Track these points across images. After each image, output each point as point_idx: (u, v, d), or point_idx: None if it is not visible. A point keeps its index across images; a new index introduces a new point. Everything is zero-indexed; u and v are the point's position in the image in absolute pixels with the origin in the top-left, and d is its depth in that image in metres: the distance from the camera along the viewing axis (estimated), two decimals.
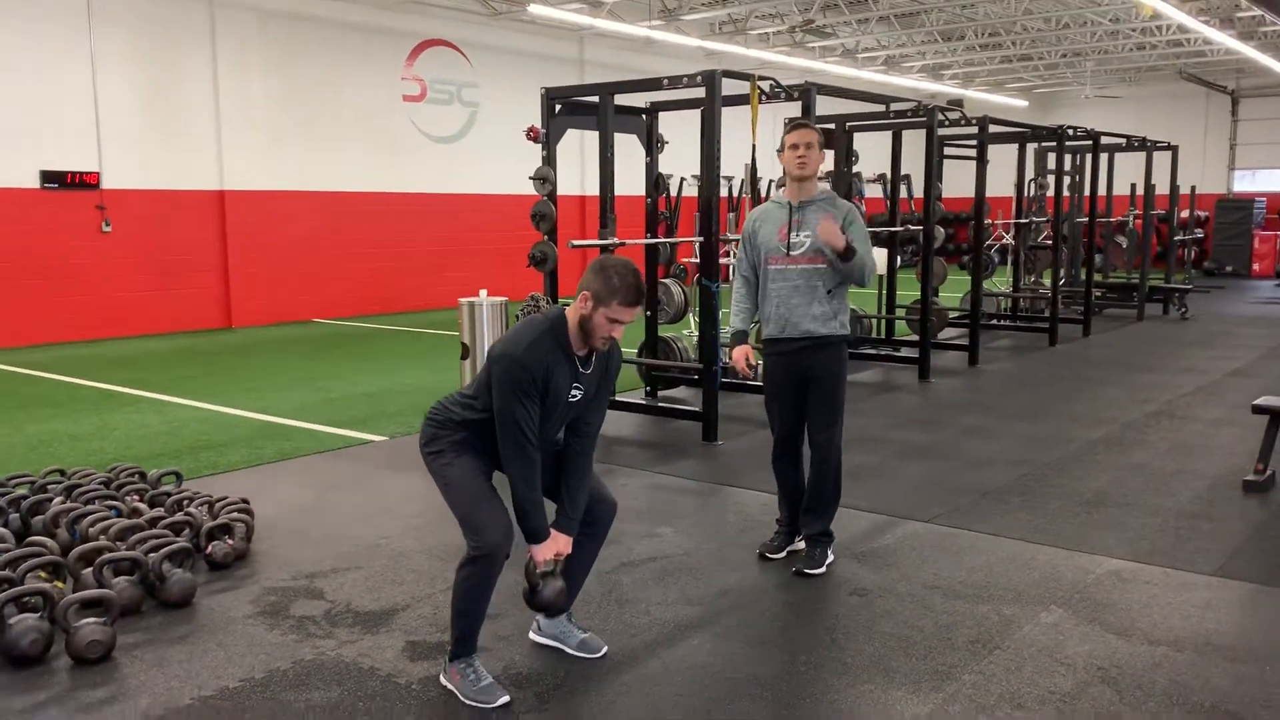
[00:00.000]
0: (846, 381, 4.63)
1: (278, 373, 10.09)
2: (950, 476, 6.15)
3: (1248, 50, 18.70)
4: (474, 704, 3.30)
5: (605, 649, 3.69)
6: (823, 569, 4.51)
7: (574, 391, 3.37)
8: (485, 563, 3.28)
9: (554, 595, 3.42)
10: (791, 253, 4.44)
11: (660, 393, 8.76)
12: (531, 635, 3.79)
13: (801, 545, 4.67)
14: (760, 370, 4.92)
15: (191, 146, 13.26)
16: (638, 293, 3.28)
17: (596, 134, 7.68)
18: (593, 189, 16.14)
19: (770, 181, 11.73)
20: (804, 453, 4.69)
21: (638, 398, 8.51)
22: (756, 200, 8.98)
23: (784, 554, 4.64)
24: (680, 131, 9.18)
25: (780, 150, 4.52)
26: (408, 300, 15.73)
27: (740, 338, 4.64)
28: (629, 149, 8.16)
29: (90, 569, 4.07)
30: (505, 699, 3.32)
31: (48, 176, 11.97)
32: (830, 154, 10.26)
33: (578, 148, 16.59)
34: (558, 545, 3.41)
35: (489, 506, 3.33)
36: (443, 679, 3.44)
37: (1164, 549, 4.82)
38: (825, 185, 4.60)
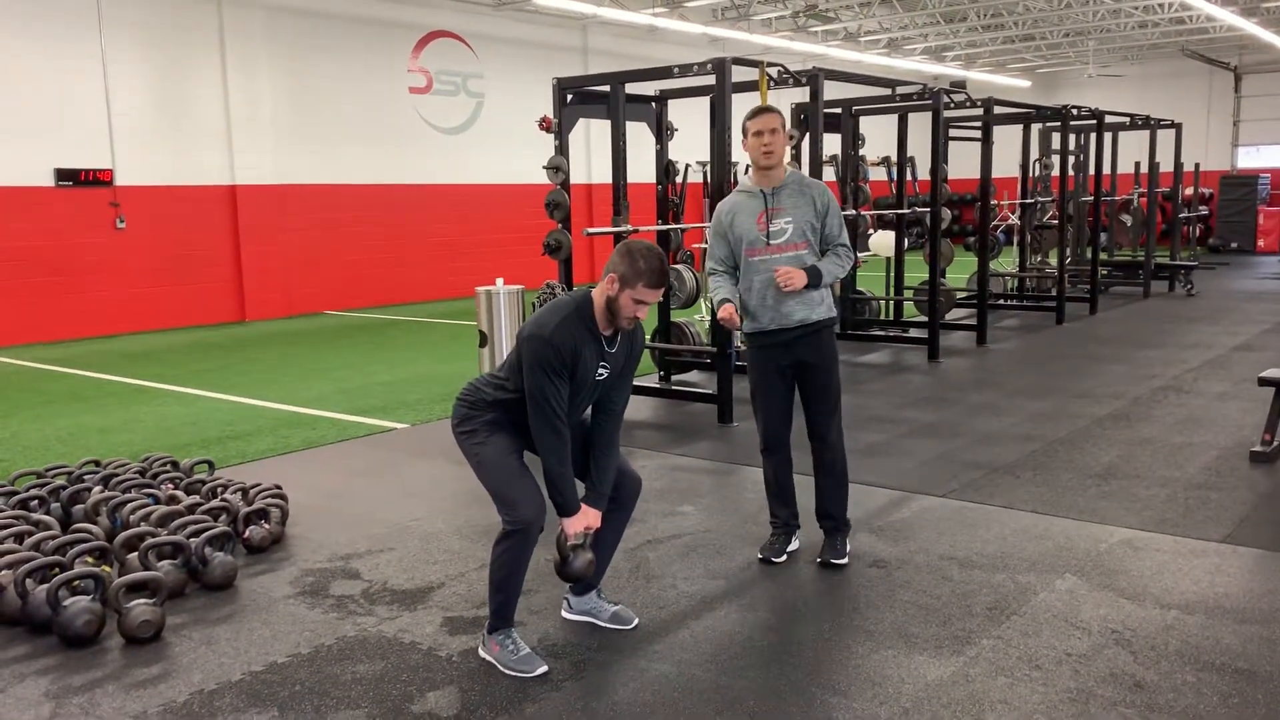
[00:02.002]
0: (840, 366, 4.53)
1: (294, 364, 10.24)
2: (962, 453, 6.28)
3: (1250, 26, 18.74)
4: (514, 673, 3.44)
5: (636, 620, 3.83)
6: (846, 560, 4.46)
7: (601, 370, 3.51)
8: (520, 537, 3.41)
9: (584, 566, 3.56)
10: (773, 241, 4.28)
11: (674, 377, 8.89)
12: (564, 614, 3.93)
13: (797, 545, 4.58)
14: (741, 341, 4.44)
15: (202, 142, 13.40)
16: (662, 275, 3.42)
17: (602, 123, 7.79)
18: (599, 177, 16.34)
19: None
20: (794, 450, 4.58)
21: (652, 382, 8.63)
22: None
23: (785, 557, 4.49)
24: (684, 119, 9.28)
25: (743, 138, 4.34)
26: (418, 291, 15.87)
27: (724, 301, 4.36)
28: (635, 137, 8.27)
29: (135, 554, 4.22)
30: (544, 668, 3.46)
31: (62, 174, 12.13)
32: (837, 137, 10.38)
33: (583, 137, 16.74)
34: (587, 519, 3.54)
35: (522, 483, 3.46)
36: (481, 651, 3.58)
37: (1173, 518, 4.95)
38: (793, 168, 4.51)
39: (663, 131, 8.51)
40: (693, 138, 9.59)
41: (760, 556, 4.52)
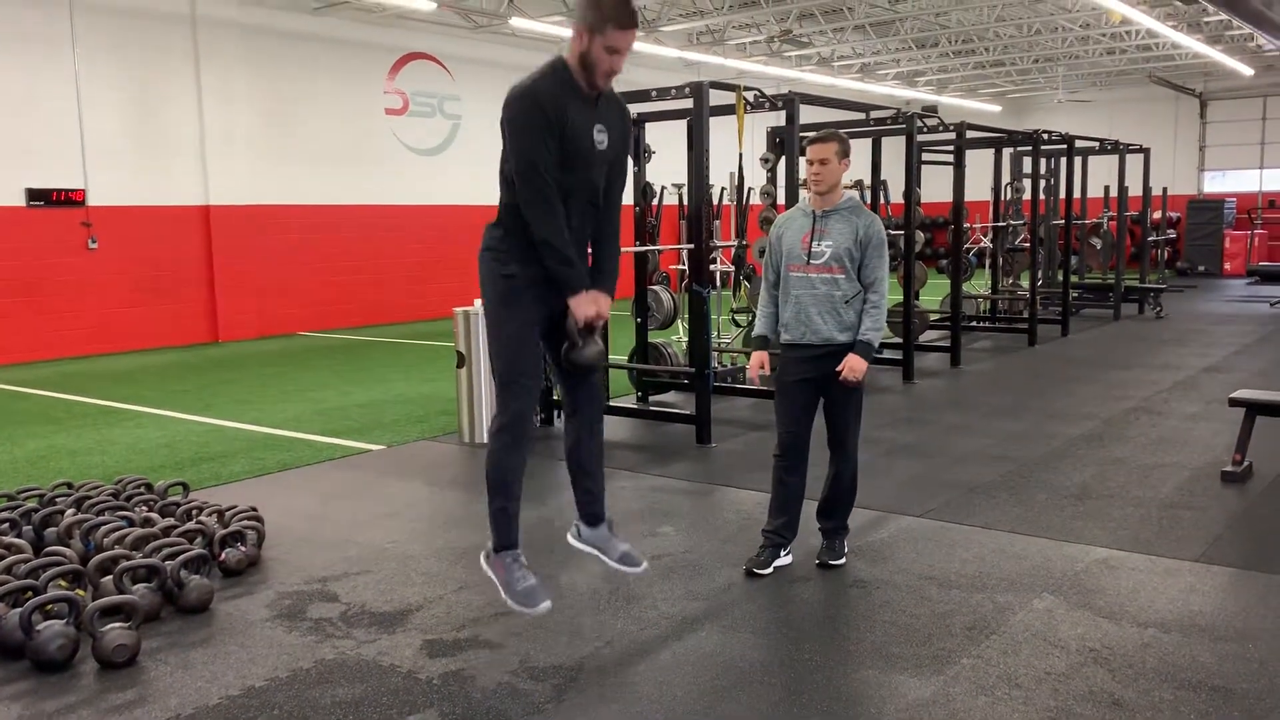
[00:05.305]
0: (864, 386, 4.68)
1: (269, 385, 10.16)
2: (939, 473, 6.32)
3: (1215, 54, 19.11)
4: (513, 604, 3.38)
5: (645, 564, 3.79)
6: (844, 560, 4.70)
7: (598, 135, 3.32)
8: (512, 433, 3.39)
9: (595, 355, 3.48)
10: (812, 261, 4.49)
11: (651, 398, 8.90)
12: (570, 540, 3.85)
13: (788, 560, 4.67)
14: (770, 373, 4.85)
15: (176, 162, 13.32)
16: (629, 12, 3.18)
17: None
18: None
19: (749, 189, 12.02)
20: (808, 458, 4.71)
21: (630, 403, 8.64)
22: (740, 209, 9.15)
23: (771, 569, 4.57)
24: (661, 142, 9.32)
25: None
26: (393, 312, 15.82)
27: (761, 343, 4.71)
28: None
29: (109, 577, 4.16)
30: (547, 605, 3.37)
31: (33, 195, 12.02)
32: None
33: None
34: (598, 303, 3.40)
35: (526, 358, 3.41)
36: (484, 565, 3.47)
37: (1148, 538, 5.00)
38: (852, 193, 4.68)
39: (640, 154, 8.54)
40: (670, 161, 9.63)
41: (745, 569, 4.58)
